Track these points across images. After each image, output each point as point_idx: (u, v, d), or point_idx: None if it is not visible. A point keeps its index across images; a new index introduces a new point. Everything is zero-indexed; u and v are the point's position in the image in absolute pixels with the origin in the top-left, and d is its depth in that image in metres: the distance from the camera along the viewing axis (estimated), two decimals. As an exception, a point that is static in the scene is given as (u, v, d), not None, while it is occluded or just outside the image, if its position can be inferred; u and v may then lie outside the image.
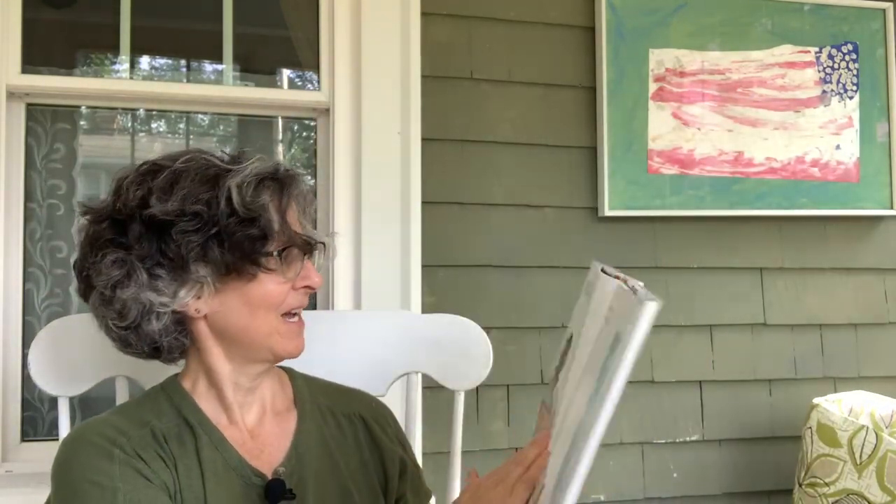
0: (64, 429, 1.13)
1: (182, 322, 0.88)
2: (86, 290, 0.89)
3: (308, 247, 0.92)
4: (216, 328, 0.89)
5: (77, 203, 0.93)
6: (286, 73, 1.92)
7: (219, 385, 0.90)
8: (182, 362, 0.95)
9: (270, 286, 0.88)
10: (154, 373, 1.02)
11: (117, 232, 0.86)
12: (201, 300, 0.87)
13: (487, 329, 1.28)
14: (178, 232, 0.83)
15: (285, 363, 0.98)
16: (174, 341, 0.88)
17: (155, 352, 0.90)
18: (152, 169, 0.88)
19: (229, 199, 0.85)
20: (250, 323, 0.88)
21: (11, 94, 1.63)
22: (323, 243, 0.95)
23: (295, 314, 0.93)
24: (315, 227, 0.97)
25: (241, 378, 0.92)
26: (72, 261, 0.93)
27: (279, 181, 0.89)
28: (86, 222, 0.89)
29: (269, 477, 0.88)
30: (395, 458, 1.01)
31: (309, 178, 1.89)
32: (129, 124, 1.86)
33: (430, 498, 1.06)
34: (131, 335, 0.87)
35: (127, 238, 0.85)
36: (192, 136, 1.91)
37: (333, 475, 0.94)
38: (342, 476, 0.94)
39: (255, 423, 0.93)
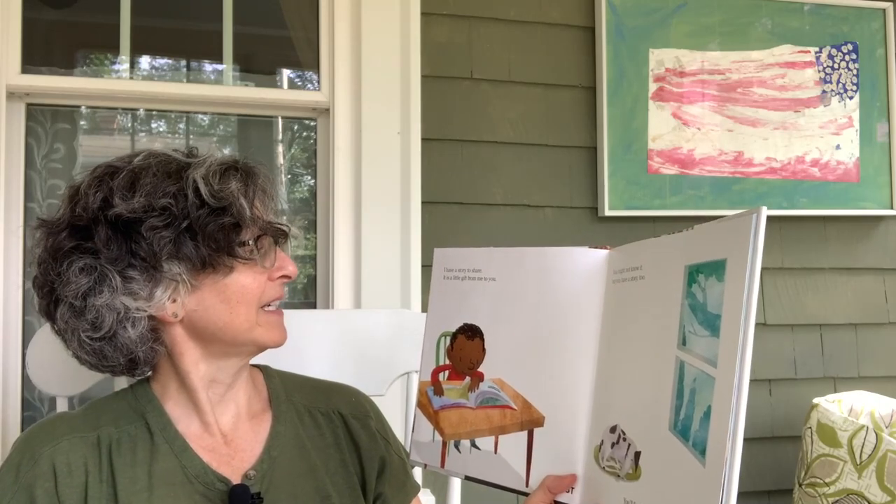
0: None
1: (157, 330, 0.85)
2: (49, 307, 0.84)
3: (281, 234, 0.90)
4: (194, 329, 0.85)
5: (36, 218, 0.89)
6: (286, 73, 1.92)
7: (192, 387, 0.87)
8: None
9: (247, 279, 0.85)
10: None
11: (80, 238, 0.81)
12: (178, 302, 0.83)
13: (487, 329, 1.28)
14: (148, 229, 0.80)
15: (261, 361, 0.96)
16: (150, 351, 0.85)
17: (131, 364, 0.86)
18: (108, 171, 0.84)
19: (197, 189, 0.81)
20: (231, 320, 0.85)
21: (11, 94, 1.64)
22: (288, 232, 0.92)
23: (272, 304, 0.91)
24: (279, 218, 0.94)
25: (221, 374, 0.89)
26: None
27: (243, 171, 0.87)
28: (42, 235, 0.84)
29: (236, 482, 0.85)
30: (375, 457, 0.98)
31: (309, 178, 1.89)
32: (129, 124, 1.86)
33: (417, 492, 1.03)
34: (107, 346, 0.83)
35: (93, 243, 0.81)
36: (192, 136, 1.91)
37: (311, 477, 0.91)
38: (320, 478, 0.92)
39: (230, 427, 0.90)
